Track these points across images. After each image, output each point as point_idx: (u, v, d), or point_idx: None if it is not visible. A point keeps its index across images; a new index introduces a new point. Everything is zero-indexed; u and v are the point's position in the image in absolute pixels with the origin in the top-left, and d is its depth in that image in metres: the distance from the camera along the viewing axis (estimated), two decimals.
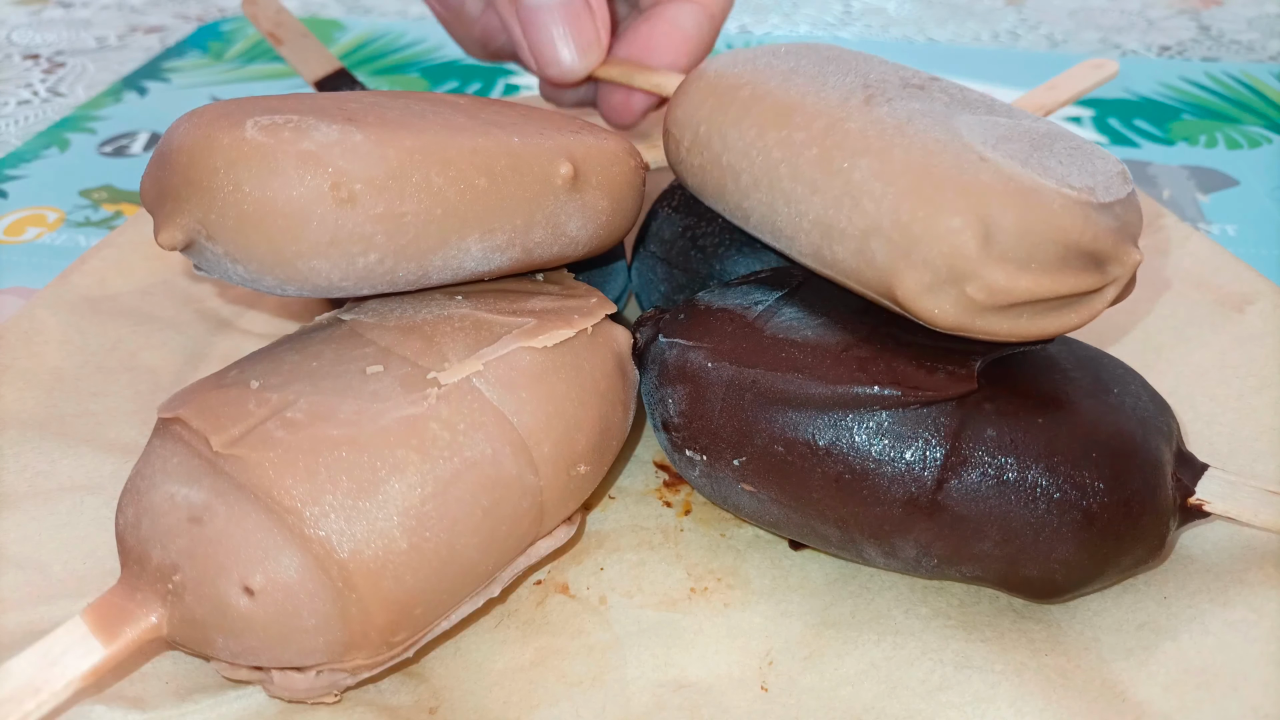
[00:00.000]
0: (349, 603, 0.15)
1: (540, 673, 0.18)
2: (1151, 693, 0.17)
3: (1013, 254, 0.16)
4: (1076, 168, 0.16)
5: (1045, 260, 0.16)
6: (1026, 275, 0.16)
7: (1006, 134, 0.17)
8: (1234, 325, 0.24)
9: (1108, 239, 0.16)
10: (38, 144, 0.36)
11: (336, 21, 0.46)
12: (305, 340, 0.18)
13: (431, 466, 0.16)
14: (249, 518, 0.15)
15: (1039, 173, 0.16)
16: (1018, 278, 0.16)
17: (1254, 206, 0.31)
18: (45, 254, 0.30)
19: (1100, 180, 0.16)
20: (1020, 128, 0.17)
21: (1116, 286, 0.17)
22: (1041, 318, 0.16)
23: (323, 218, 0.16)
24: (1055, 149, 0.17)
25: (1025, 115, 0.18)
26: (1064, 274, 0.16)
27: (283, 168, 0.15)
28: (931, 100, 0.18)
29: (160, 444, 0.16)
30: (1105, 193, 0.16)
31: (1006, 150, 0.16)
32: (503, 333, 0.18)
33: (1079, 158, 0.17)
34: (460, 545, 0.16)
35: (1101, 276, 0.16)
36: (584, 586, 0.19)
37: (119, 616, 0.15)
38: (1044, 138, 0.17)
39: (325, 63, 0.29)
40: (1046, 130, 0.17)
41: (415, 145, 0.17)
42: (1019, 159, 0.16)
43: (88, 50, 0.44)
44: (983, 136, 0.17)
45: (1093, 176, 0.16)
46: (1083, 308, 0.17)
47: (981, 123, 0.17)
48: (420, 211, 0.17)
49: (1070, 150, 0.17)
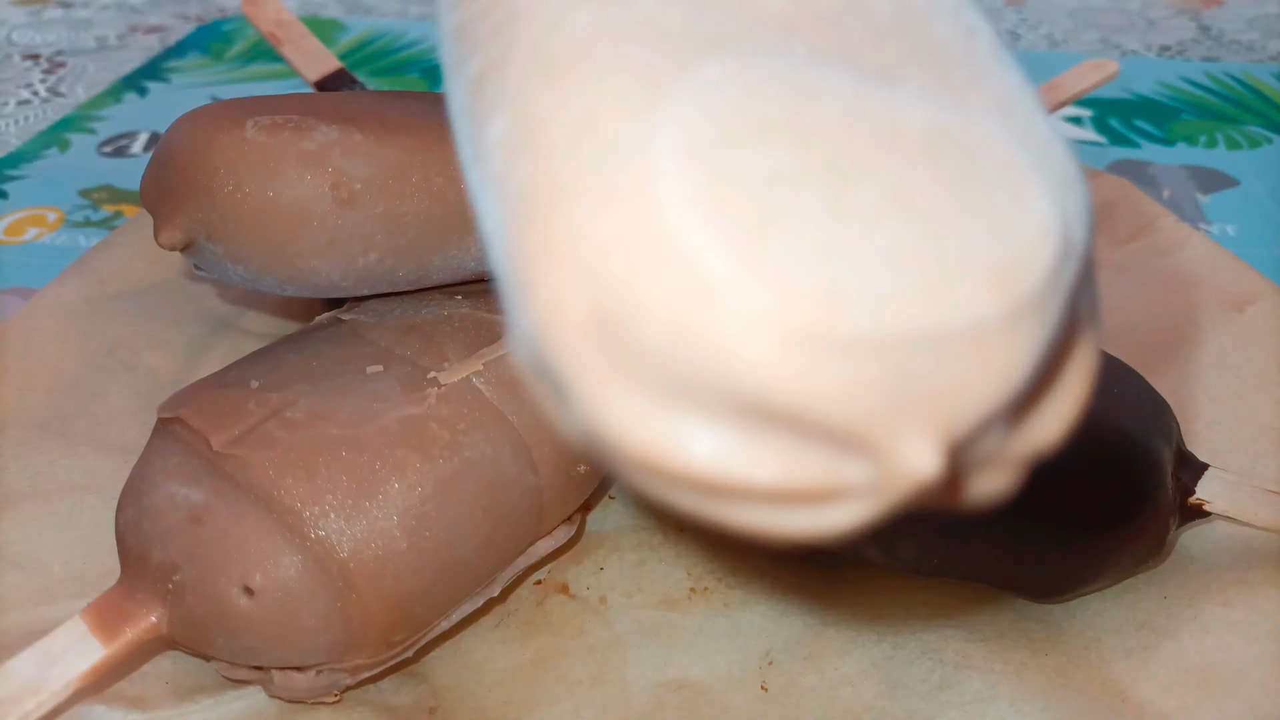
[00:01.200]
0: (349, 603, 0.15)
1: (540, 672, 0.18)
2: (1152, 692, 0.17)
3: (643, 369, 0.08)
4: (921, 244, 0.08)
5: (698, 402, 0.08)
6: (657, 415, 0.08)
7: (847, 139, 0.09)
8: (1234, 325, 0.24)
9: (835, 404, 0.08)
10: (38, 144, 0.36)
11: (337, 21, 0.46)
12: (305, 340, 0.18)
13: (431, 466, 0.16)
14: (249, 518, 0.15)
15: (764, 242, 0.08)
16: (639, 415, 0.08)
17: (1254, 207, 0.31)
18: (45, 254, 0.30)
19: (948, 275, 0.08)
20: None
21: (862, 502, 0.09)
22: (704, 499, 0.09)
23: (324, 217, 0.16)
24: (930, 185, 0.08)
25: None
26: (731, 438, 0.08)
27: (283, 168, 0.15)
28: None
29: (160, 444, 0.16)
30: (889, 308, 0.08)
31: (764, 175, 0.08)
32: (503, 332, 0.18)
33: (958, 213, 0.08)
34: (460, 545, 0.16)
35: (829, 467, 0.08)
36: (584, 586, 0.19)
37: (119, 616, 0.15)
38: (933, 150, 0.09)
39: (325, 63, 0.29)
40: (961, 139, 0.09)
41: (415, 145, 0.17)
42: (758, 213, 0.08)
43: (88, 50, 0.44)
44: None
45: (931, 266, 0.08)
46: (791, 515, 0.09)
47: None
48: (420, 212, 0.17)
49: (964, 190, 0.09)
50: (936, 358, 0.08)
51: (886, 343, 0.08)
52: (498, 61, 0.10)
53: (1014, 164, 0.09)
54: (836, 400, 0.08)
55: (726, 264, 0.08)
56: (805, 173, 0.08)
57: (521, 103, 0.09)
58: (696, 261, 0.08)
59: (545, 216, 0.09)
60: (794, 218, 0.08)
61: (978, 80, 0.10)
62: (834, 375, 0.08)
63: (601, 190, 0.09)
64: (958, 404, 0.08)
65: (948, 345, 0.08)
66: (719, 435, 0.08)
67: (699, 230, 0.08)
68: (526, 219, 0.09)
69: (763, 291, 0.08)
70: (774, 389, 0.08)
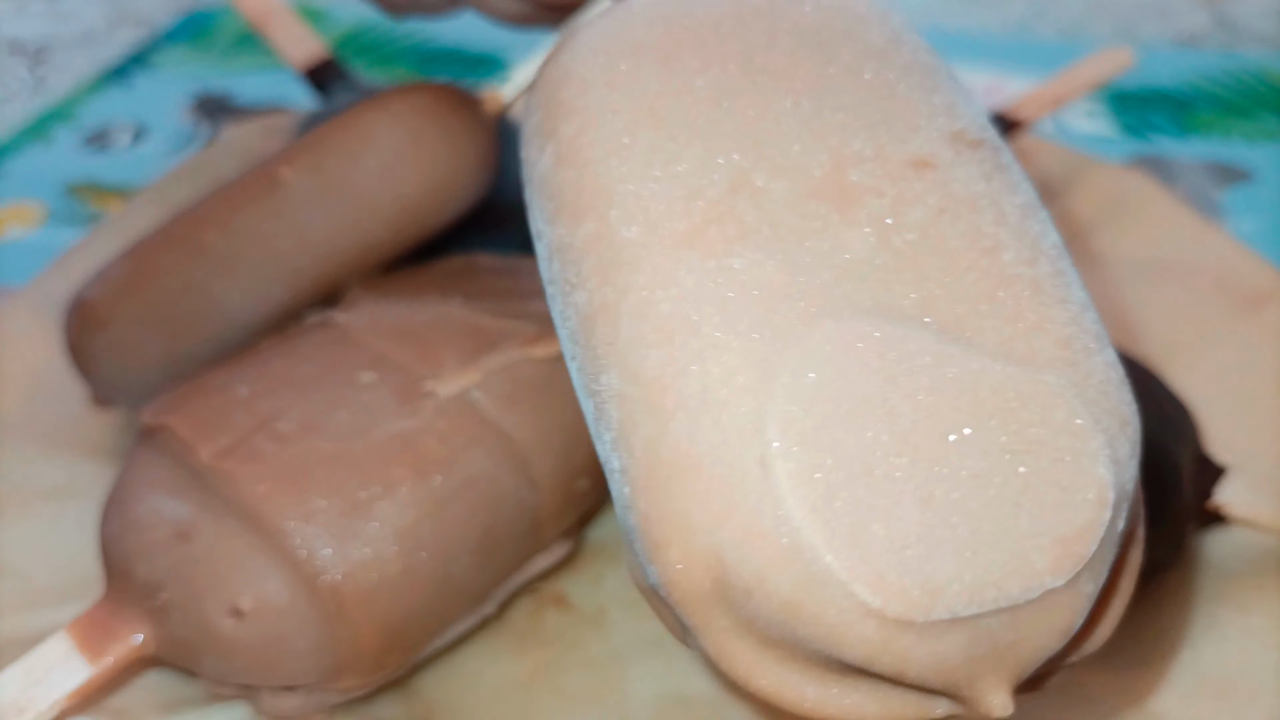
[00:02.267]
0: (340, 626, 0.15)
1: (536, 686, 0.17)
2: (1168, 701, 0.16)
3: (762, 631, 0.10)
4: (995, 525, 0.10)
5: (812, 661, 0.10)
6: (777, 668, 0.10)
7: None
8: (1253, 323, 0.23)
9: (929, 670, 0.10)
10: (21, 138, 0.35)
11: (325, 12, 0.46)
12: (295, 344, 0.17)
13: (427, 484, 0.15)
14: (237, 537, 0.14)
15: (847, 524, 0.09)
16: (760, 666, 0.10)
17: (1271, 201, 0.31)
18: (27, 252, 0.30)
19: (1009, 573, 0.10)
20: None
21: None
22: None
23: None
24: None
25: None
26: (842, 689, 0.10)
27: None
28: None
29: (145, 453, 0.16)
30: (971, 599, 0.09)
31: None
32: (501, 338, 0.17)
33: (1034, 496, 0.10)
34: (456, 565, 0.15)
35: (921, 708, 0.11)
36: (582, 597, 0.19)
37: (104, 634, 0.15)
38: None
39: (314, 51, 0.28)
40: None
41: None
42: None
43: (73, 42, 0.43)
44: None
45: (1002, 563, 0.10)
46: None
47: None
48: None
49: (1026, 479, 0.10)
50: (1009, 622, 0.10)
51: (969, 619, 0.10)
52: (608, 307, 0.11)
53: (1077, 426, 0.11)
54: (929, 668, 0.10)
55: (835, 560, 0.10)
56: (900, 453, 0.10)
57: (636, 361, 0.11)
58: (808, 555, 0.10)
59: (669, 487, 0.10)
60: (891, 507, 0.10)
61: (1044, 319, 0.11)
62: (927, 649, 0.10)
63: (721, 473, 0.10)
64: (1026, 656, 0.10)
65: (1018, 612, 0.10)
66: (831, 685, 0.10)
67: (809, 525, 0.10)
68: (651, 485, 0.10)
69: (867, 588, 0.10)
70: (878, 662, 0.10)
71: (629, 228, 0.11)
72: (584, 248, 0.12)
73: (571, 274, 0.12)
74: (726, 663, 0.11)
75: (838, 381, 0.10)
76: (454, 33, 0.42)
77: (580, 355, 0.12)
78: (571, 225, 0.12)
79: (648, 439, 0.11)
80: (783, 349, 0.10)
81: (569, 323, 0.12)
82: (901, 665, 0.10)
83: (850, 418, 0.10)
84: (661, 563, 0.10)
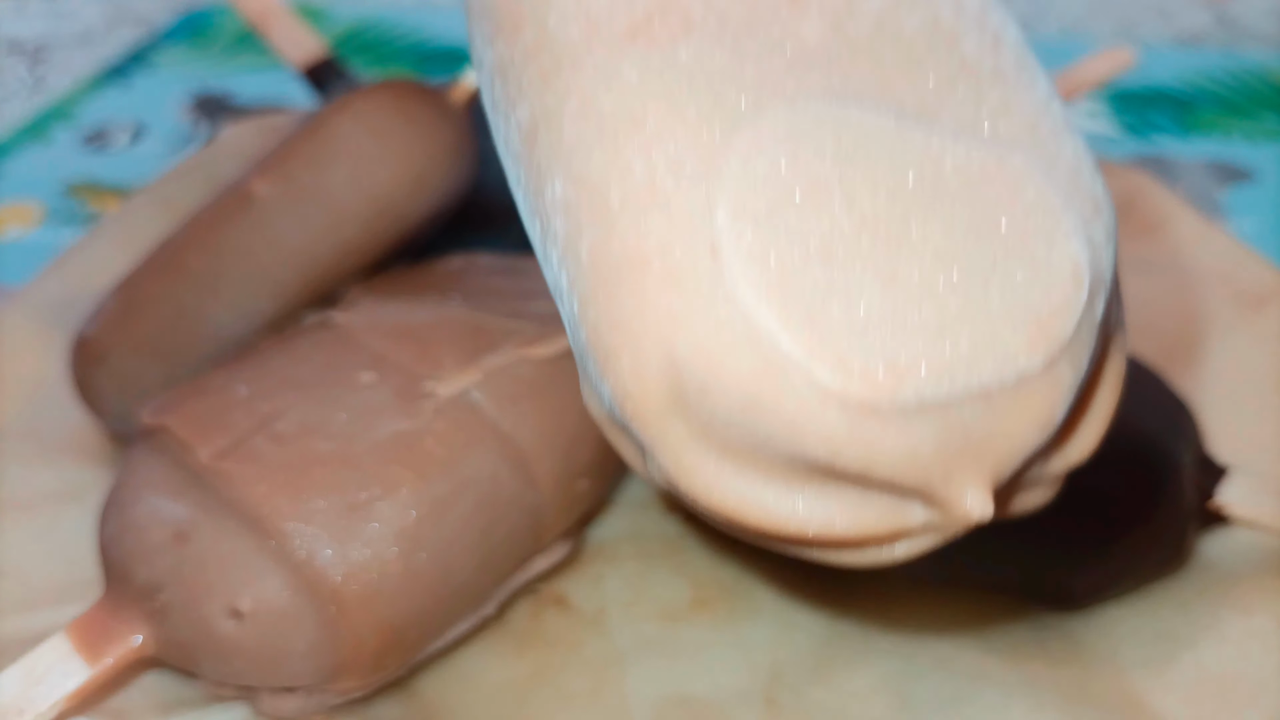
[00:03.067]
0: (340, 627, 0.14)
1: (535, 687, 0.17)
2: (1169, 703, 0.16)
3: (720, 435, 0.09)
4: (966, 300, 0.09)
5: (774, 465, 0.09)
6: (737, 478, 0.09)
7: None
8: (1255, 323, 0.23)
9: (899, 464, 0.09)
10: (19, 138, 0.35)
11: (324, 11, 0.45)
12: (294, 343, 0.17)
13: (427, 485, 0.15)
14: (236, 537, 0.14)
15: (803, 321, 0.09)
16: (721, 478, 0.09)
17: (1272, 201, 0.31)
18: (26, 252, 0.29)
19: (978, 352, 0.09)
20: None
21: (923, 539, 0.10)
22: (780, 545, 0.10)
23: None
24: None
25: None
26: (806, 496, 0.09)
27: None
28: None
29: (143, 453, 0.16)
30: (938, 379, 0.09)
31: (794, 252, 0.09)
32: (501, 338, 0.17)
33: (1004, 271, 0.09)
34: (456, 566, 0.15)
35: (894, 515, 0.10)
36: (582, 597, 0.19)
37: (103, 635, 0.15)
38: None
39: (314, 50, 0.28)
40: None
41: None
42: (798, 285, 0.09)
43: (72, 42, 0.43)
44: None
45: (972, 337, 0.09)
46: (858, 554, 0.10)
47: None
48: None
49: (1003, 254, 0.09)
50: (983, 410, 0.09)
51: (940, 404, 0.09)
52: (550, 114, 0.11)
53: (1047, 203, 0.10)
54: (899, 461, 0.09)
55: (793, 344, 0.09)
56: (859, 234, 0.09)
57: (580, 164, 0.10)
58: (765, 341, 0.09)
59: (617, 290, 0.09)
60: (851, 288, 0.09)
61: (1008, 102, 0.11)
62: (895, 439, 0.09)
63: (670, 266, 0.09)
64: (1004, 450, 0.09)
65: (993, 398, 0.09)
66: (795, 493, 0.09)
67: (765, 310, 0.09)
68: (599, 291, 0.10)
69: (828, 370, 0.09)
70: (843, 455, 0.09)
71: (568, 29, 0.11)
72: (524, 60, 0.11)
73: (513, 89, 0.11)
74: (685, 478, 0.10)
75: (792, 164, 0.09)
76: (454, 32, 0.43)
77: (523, 174, 0.11)
78: (511, 39, 0.11)
79: (594, 243, 0.10)
80: (732, 134, 0.10)
81: (511, 144, 0.11)
82: (868, 459, 0.09)
83: (806, 200, 0.09)
84: (614, 374, 0.09)
